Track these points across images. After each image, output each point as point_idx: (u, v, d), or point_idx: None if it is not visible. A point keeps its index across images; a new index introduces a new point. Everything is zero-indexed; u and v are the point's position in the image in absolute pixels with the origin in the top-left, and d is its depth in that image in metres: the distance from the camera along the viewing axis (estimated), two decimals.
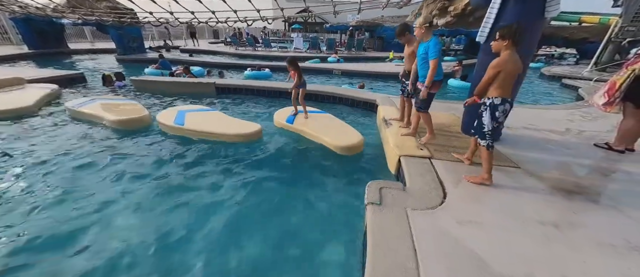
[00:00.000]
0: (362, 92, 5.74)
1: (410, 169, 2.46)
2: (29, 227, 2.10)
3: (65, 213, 2.26)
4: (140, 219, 2.26)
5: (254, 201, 2.54)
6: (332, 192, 2.71)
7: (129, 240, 2.02)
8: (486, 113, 2.11)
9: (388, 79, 8.89)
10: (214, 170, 2.98)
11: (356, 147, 3.32)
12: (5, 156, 3.00)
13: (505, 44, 2.00)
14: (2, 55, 9.50)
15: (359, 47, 16.49)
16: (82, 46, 14.22)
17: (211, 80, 6.42)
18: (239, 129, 3.68)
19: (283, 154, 3.48)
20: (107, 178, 2.75)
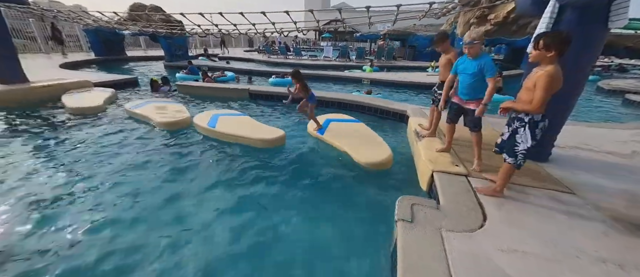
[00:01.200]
0: (392, 103, 5.62)
1: (445, 186, 2.33)
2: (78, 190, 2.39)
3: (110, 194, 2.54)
4: (152, 214, 2.43)
5: (272, 208, 2.55)
6: (358, 204, 2.66)
7: (141, 220, 2.25)
8: (525, 130, 1.95)
9: (421, 90, 8.61)
10: (234, 174, 3.09)
11: (383, 163, 3.18)
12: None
13: (550, 54, 1.81)
14: (75, 60, 11.09)
15: (389, 56, 16.25)
16: (137, 53, 16.01)
17: (245, 87, 6.79)
18: (262, 134, 3.78)
19: (308, 162, 3.51)
20: (148, 171, 3.10)
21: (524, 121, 1.96)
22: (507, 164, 2.08)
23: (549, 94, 1.82)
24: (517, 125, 2.01)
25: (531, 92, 1.89)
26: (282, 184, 2.95)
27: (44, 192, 2.67)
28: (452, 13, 4.64)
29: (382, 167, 3.18)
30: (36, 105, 5.21)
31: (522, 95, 2.01)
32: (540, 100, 1.82)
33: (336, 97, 5.92)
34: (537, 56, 1.90)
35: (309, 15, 3.69)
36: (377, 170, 3.16)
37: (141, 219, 2.34)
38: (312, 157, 3.62)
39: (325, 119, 4.47)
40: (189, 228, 2.27)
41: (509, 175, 2.12)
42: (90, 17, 4.89)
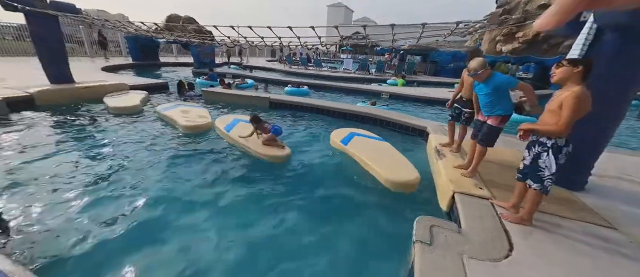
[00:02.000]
0: (412, 118, 5.53)
1: (467, 209, 2.23)
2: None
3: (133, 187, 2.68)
4: (166, 213, 2.53)
5: (283, 219, 2.53)
6: (373, 220, 2.60)
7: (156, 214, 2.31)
8: (548, 155, 1.85)
9: (443, 106, 8.39)
10: (243, 182, 3.14)
11: (409, 185, 2.99)
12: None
13: (576, 70, 1.75)
14: (114, 64, 12.11)
15: (410, 70, 16.11)
16: (169, 60, 17.17)
17: (266, 96, 7.01)
18: (265, 149, 3.67)
19: (325, 174, 3.50)
20: (165, 169, 3.29)
21: (546, 146, 1.87)
22: (532, 190, 1.96)
23: (576, 116, 1.73)
24: (539, 149, 1.91)
25: (555, 115, 1.81)
26: (293, 195, 2.94)
27: (85, 177, 2.97)
28: (479, 32, 4.55)
29: (408, 189, 3.00)
30: (81, 104, 5.73)
31: (545, 117, 1.92)
32: (566, 121, 1.73)
33: (353, 110, 5.93)
34: (562, 73, 1.82)
35: (331, 29, 3.78)
36: (401, 191, 2.99)
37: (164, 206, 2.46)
38: (330, 170, 3.60)
39: (348, 132, 4.43)
40: (196, 232, 2.33)
41: (537, 202, 1.99)
42: (133, 26, 5.38)
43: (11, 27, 12.56)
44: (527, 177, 2.02)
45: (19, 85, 5.67)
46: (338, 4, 68.80)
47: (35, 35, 5.73)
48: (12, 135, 4.02)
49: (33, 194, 2.61)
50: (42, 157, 3.39)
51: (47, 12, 5.49)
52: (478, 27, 3.02)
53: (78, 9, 6.16)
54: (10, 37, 12.65)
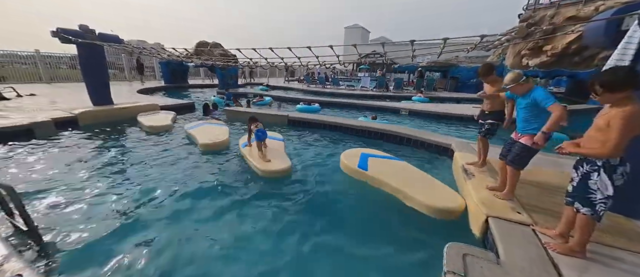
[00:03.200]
0: (434, 135, 5.32)
1: (505, 236, 2.00)
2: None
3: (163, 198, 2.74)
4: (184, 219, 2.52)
5: (294, 248, 2.39)
6: (397, 244, 2.41)
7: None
8: (600, 175, 1.64)
9: (466, 122, 8.04)
10: (250, 200, 3.12)
11: (455, 211, 2.68)
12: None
13: (620, 95, 1.56)
14: (148, 87, 13.22)
15: (430, 87, 15.82)
16: (196, 82, 18.43)
17: (285, 114, 7.17)
18: (267, 165, 3.66)
19: (336, 196, 3.34)
20: (189, 184, 3.33)
21: (596, 164, 1.66)
22: (582, 215, 1.73)
23: (627, 136, 1.53)
24: (588, 168, 1.71)
25: (603, 133, 1.62)
26: (308, 219, 2.81)
27: (116, 188, 3.18)
28: (504, 45, 4.40)
29: (452, 216, 2.67)
30: (119, 123, 6.24)
31: (591, 133, 1.73)
32: (614, 144, 1.55)
33: (373, 127, 5.84)
34: (604, 100, 1.66)
35: (347, 48, 3.83)
36: (444, 218, 2.68)
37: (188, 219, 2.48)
38: (344, 192, 3.43)
39: (360, 153, 4.05)
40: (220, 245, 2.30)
41: (589, 230, 1.74)
42: (167, 52, 5.90)
43: (66, 57, 14.32)
44: (575, 200, 1.79)
45: (66, 108, 6.32)
46: (355, 25, 71.06)
47: (83, 63, 6.45)
48: (55, 150, 4.42)
49: (69, 205, 2.78)
50: (79, 170, 3.66)
51: (95, 43, 6.19)
52: (504, 41, 2.91)
53: (121, 40, 6.90)
54: (65, 66, 14.39)
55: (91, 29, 6.28)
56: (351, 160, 3.78)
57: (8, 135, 4.60)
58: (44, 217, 2.58)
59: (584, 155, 1.73)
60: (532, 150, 2.36)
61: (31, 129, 4.91)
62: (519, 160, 2.42)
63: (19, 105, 6.76)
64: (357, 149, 4.37)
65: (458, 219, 2.69)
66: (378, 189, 3.32)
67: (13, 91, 8.41)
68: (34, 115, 5.45)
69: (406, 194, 2.95)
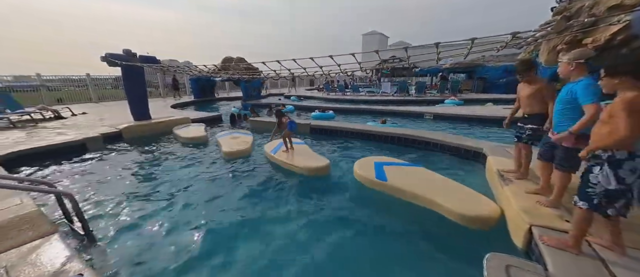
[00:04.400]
0: (463, 138, 5.06)
1: (554, 248, 1.83)
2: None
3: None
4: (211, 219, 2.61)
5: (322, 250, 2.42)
6: (428, 254, 2.31)
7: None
8: (601, 170, 1.56)
9: (495, 124, 7.55)
10: (280, 201, 3.26)
11: (490, 219, 2.48)
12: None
13: (615, 81, 1.53)
14: (181, 102, 14.27)
15: (455, 89, 15.17)
16: (222, 95, 19.49)
17: (307, 122, 7.29)
18: (308, 162, 4.01)
19: (357, 204, 3.27)
20: (215, 187, 3.50)
21: (600, 158, 1.58)
22: (578, 208, 1.71)
23: (634, 127, 1.41)
24: (592, 162, 1.64)
25: (607, 125, 1.56)
26: (337, 225, 2.83)
27: (156, 194, 3.49)
28: (539, 41, 4.10)
29: (487, 225, 2.49)
30: (157, 135, 6.80)
31: (596, 129, 1.66)
32: (618, 132, 1.45)
33: (396, 133, 5.72)
34: (606, 86, 1.61)
35: (368, 55, 3.84)
36: (478, 227, 2.50)
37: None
38: (367, 201, 3.33)
39: (373, 162, 3.85)
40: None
41: (584, 224, 1.72)
42: (197, 69, 6.38)
43: (110, 79, 16.01)
44: (576, 194, 1.74)
45: (112, 124, 7.01)
46: (373, 32, 70.95)
47: (126, 83, 7.17)
48: (104, 162, 4.93)
49: (117, 210, 3.06)
50: (126, 179, 4.05)
51: (137, 64, 6.87)
52: (539, 37, 2.73)
53: (158, 60, 7.58)
54: (109, 86, 16.07)
55: (133, 53, 6.98)
56: (366, 170, 3.59)
57: (66, 149, 5.20)
58: (97, 222, 2.86)
59: (592, 150, 1.62)
60: (575, 150, 2.14)
61: (84, 143, 5.51)
62: (566, 162, 2.18)
63: (74, 123, 7.64)
64: (369, 157, 4.18)
65: (492, 227, 2.51)
66: (397, 197, 3.18)
67: (69, 111, 9.54)
68: (86, 132, 6.13)
69: (433, 201, 2.79)
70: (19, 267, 1.73)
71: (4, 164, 4.12)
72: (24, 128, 6.96)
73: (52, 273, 1.70)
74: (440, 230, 2.62)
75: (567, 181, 2.24)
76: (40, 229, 2.16)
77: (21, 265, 1.76)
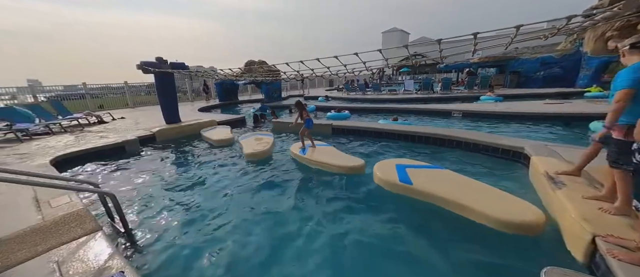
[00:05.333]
0: (499, 137, 4.67)
1: (627, 263, 1.57)
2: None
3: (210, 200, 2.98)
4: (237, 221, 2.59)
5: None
6: (461, 268, 2.11)
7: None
8: None
9: (536, 122, 6.91)
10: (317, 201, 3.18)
11: (536, 225, 2.24)
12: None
13: None
14: (210, 105, 14.95)
15: (484, 84, 14.21)
16: (244, 98, 20.12)
17: (329, 123, 7.22)
18: (344, 161, 4.07)
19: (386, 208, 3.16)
20: (237, 187, 3.54)
21: None
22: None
23: None
24: None
25: None
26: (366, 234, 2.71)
27: (188, 192, 3.66)
28: (590, 27, 3.62)
29: (533, 232, 2.24)
30: (186, 137, 7.16)
31: None
32: None
33: (422, 131, 5.44)
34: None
35: (387, 52, 3.68)
36: (523, 233, 2.26)
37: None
38: (395, 208, 3.16)
39: (394, 165, 3.67)
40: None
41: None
42: (222, 73, 6.60)
43: (144, 86, 17.23)
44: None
45: (147, 127, 7.49)
46: (393, 29, 69.07)
47: (159, 89, 7.62)
48: (141, 162, 5.24)
49: (152, 209, 3.21)
50: (159, 174, 4.31)
51: (168, 71, 7.27)
52: (601, 20, 2.37)
53: (187, 66, 7.97)
54: (143, 92, 17.32)
55: (165, 60, 7.40)
56: (387, 173, 3.42)
57: (108, 151, 5.64)
58: (134, 220, 3.01)
59: None
60: (627, 144, 1.83)
61: (123, 146, 5.93)
62: (615, 158, 1.91)
63: (114, 127, 8.29)
64: (390, 160, 3.99)
65: (536, 235, 2.25)
66: (424, 201, 2.98)
67: (110, 116, 10.39)
68: (124, 135, 6.60)
69: (467, 207, 2.56)
70: (68, 263, 1.85)
71: (56, 165, 4.55)
72: (72, 132, 7.68)
73: (96, 270, 1.79)
74: (476, 237, 2.40)
75: (628, 181, 1.93)
76: (86, 226, 2.31)
77: (70, 261, 1.88)
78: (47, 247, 2.04)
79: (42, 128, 7.59)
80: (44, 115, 8.46)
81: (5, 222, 2.49)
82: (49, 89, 16.27)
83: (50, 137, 7.09)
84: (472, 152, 4.70)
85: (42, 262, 1.87)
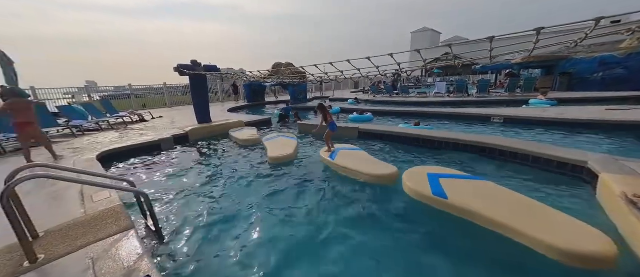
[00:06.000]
0: (555, 148, 4.08)
1: None
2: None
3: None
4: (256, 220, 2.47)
5: None
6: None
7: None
8: None
9: (597, 132, 5.99)
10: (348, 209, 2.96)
11: (607, 259, 1.85)
12: None
13: None
14: (236, 106, 15.53)
15: (528, 87, 12.88)
16: (271, 99, 20.61)
17: (355, 126, 6.99)
18: (374, 169, 3.72)
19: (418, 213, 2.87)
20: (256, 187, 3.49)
21: None
22: None
23: None
24: None
25: None
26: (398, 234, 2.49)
27: (218, 189, 3.82)
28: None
29: (605, 264, 1.86)
30: (216, 137, 7.43)
31: None
32: None
33: (463, 139, 4.97)
34: None
35: (414, 54, 3.37)
36: (592, 266, 1.88)
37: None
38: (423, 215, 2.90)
39: (426, 173, 3.39)
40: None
41: None
42: (251, 76, 6.74)
43: (180, 87, 18.49)
44: None
45: (181, 126, 7.91)
46: (423, 28, 66.20)
47: (193, 90, 8.02)
48: (174, 160, 5.51)
49: (182, 209, 3.29)
50: (190, 174, 4.47)
51: (201, 73, 7.62)
52: None
53: (219, 69, 8.31)
54: (179, 93, 18.58)
55: (199, 63, 7.78)
56: (418, 183, 3.14)
57: (146, 148, 6.02)
58: (165, 219, 3.10)
59: None
60: None
61: (159, 144, 6.30)
62: None
63: (153, 126, 8.91)
64: (420, 168, 3.70)
65: (609, 269, 1.85)
66: (460, 217, 2.65)
67: (150, 115, 11.24)
68: (161, 133, 7.03)
69: (518, 230, 2.18)
70: (101, 261, 1.90)
71: (101, 160, 4.94)
72: (117, 129, 8.40)
73: (126, 270, 1.80)
74: (524, 266, 2.06)
75: None
76: (121, 223, 2.39)
77: (103, 259, 1.93)
78: (85, 242, 2.13)
79: (93, 125, 8.42)
80: (95, 113, 9.40)
81: (55, 213, 2.69)
82: (103, 90, 18.23)
83: (99, 133, 7.82)
84: (518, 163, 4.17)
85: (80, 258, 1.95)
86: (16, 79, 9.09)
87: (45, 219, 2.53)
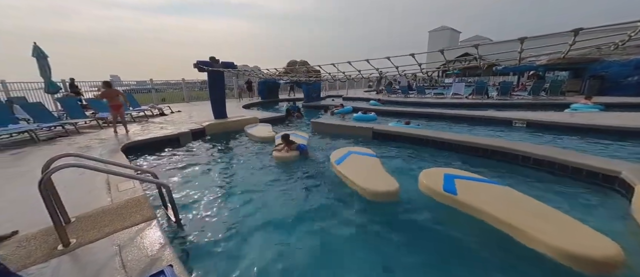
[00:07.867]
0: (585, 156, 3.85)
1: None
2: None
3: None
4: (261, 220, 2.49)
5: None
6: None
7: None
8: None
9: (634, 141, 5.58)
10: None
11: (614, 263, 1.87)
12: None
13: None
14: (251, 102, 15.79)
15: (555, 90, 12.21)
16: (284, 96, 20.77)
17: (369, 126, 6.90)
18: (372, 184, 3.24)
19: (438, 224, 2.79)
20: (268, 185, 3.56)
21: None
22: None
23: None
24: None
25: None
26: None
27: (231, 181, 3.99)
28: None
29: (612, 270, 1.87)
30: (231, 132, 7.59)
31: None
32: None
33: (481, 143, 4.79)
34: None
35: (432, 54, 3.25)
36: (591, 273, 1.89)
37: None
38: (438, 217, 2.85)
39: (442, 174, 3.39)
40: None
41: None
42: (266, 73, 6.83)
43: (198, 82, 19.03)
44: None
45: (198, 121, 8.15)
46: (442, 27, 64.19)
47: (210, 86, 8.23)
48: (192, 154, 5.69)
49: (200, 200, 3.39)
50: (207, 168, 4.60)
51: (219, 69, 7.80)
52: None
53: (235, 65, 8.46)
54: (197, 88, 19.13)
55: (217, 59, 7.96)
56: (433, 181, 3.24)
57: (165, 142, 6.25)
58: (184, 210, 3.20)
59: None
60: None
61: (178, 137, 6.52)
62: None
63: (171, 120, 9.23)
64: (438, 168, 3.70)
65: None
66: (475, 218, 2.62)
67: (169, 109, 11.65)
68: (179, 127, 7.27)
69: (546, 242, 2.09)
70: (127, 248, 2.00)
71: (125, 151, 5.18)
72: (139, 122, 8.77)
73: (150, 258, 1.88)
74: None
75: None
76: (144, 213, 2.50)
77: (129, 246, 2.02)
78: (112, 229, 2.25)
79: None
80: None
81: (86, 201, 2.86)
82: (126, 84, 19.07)
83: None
84: (543, 171, 3.97)
85: (107, 244, 2.06)
86: (49, 72, 9.68)
87: (75, 205, 2.69)
